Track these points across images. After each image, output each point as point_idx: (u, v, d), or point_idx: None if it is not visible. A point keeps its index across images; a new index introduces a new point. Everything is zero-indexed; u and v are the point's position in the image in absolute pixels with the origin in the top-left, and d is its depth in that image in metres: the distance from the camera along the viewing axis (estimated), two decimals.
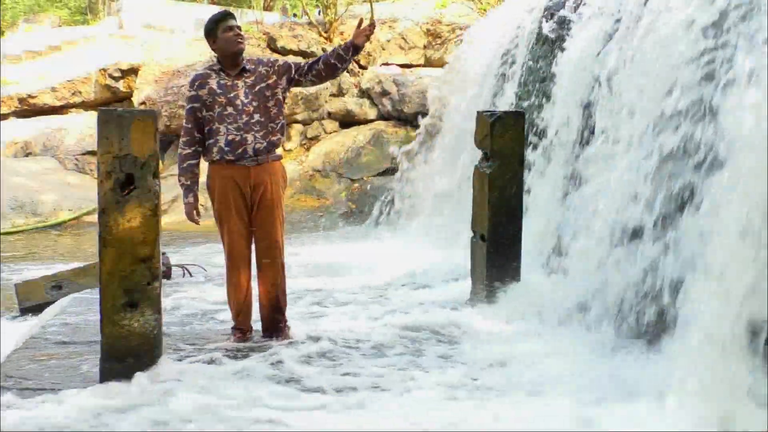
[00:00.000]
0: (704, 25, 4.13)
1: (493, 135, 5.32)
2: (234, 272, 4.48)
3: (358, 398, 3.56)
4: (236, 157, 4.33)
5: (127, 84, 14.35)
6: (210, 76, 4.45)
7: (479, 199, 5.47)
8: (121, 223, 3.67)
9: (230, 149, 4.33)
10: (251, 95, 4.39)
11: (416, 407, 3.45)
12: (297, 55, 14.11)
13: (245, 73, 4.44)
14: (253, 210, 4.41)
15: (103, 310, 3.72)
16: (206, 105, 4.38)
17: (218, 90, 4.38)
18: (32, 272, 7.60)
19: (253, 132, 4.35)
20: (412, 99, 13.31)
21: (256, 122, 4.37)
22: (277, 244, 4.49)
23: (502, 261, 5.34)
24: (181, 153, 4.43)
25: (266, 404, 3.46)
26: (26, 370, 3.96)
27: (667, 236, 4.06)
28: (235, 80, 4.41)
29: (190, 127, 4.42)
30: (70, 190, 12.48)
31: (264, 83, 4.44)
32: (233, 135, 4.32)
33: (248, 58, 4.52)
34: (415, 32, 15.15)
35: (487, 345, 4.48)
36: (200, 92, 4.40)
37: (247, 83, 4.41)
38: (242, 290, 4.50)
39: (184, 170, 4.41)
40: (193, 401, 3.45)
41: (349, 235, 10.57)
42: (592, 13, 6.42)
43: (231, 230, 4.41)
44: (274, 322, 4.56)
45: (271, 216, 4.43)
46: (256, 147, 4.35)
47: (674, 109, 4.22)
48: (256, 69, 4.47)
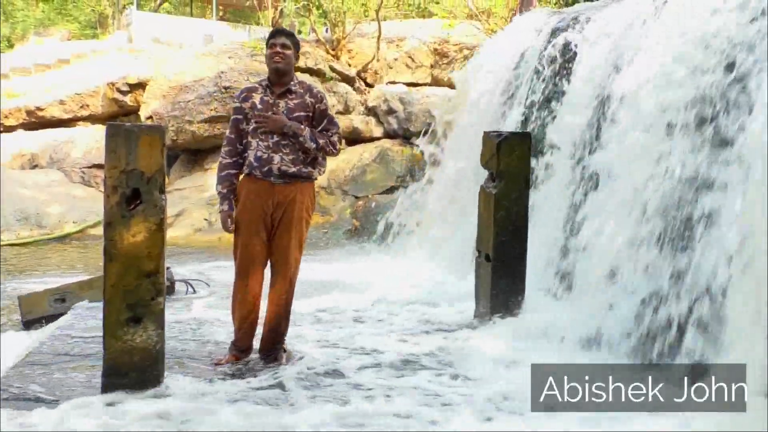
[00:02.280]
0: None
1: (499, 155, 5.33)
2: (241, 286, 4.40)
3: (357, 421, 3.54)
4: (263, 174, 4.31)
5: (134, 98, 14.43)
6: (256, 90, 4.45)
7: (485, 218, 5.46)
8: (126, 238, 3.67)
9: (258, 165, 4.30)
10: (288, 118, 4.34)
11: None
12: (304, 72, 14.18)
13: (290, 94, 4.41)
14: (273, 227, 4.36)
15: (106, 324, 3.72)
16: (247, 118, 4.39)
17: (259, 105, 4.37)
18: (36, 285, 7.59)
19: (281, 153, 4.30)
20: (418, 117, 13.35)
21: (286, 144, 4.31)
22: (288, 265, 4.40)
23: (507, 281, 5.32)
24: (221, 162, 4.43)
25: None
26: (28, 382, 3.94)
27: (674, 260, 4.05)
28: (277, 99, 4.39)
29: (232, 138, 4.43)
30: (75, 202, 12.50)
31: (304, 112, 4.39)
32: (262, 152, 4.30)
33: (300, 81, 4.50)
34: (422, 51, 15.23)
35: (491, 365, 4.45)
36: (244, 105, 4.40)
37: (288, 105, 4.38)
38: (247, 306, 4.40)
39: (222, 179, 4.40)
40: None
41: (353, 252, 10.55)
42: (598, 34, 6.46)
43: (245, 243, 4.35)
44: (271, 344, 4.46)
45: (288, 235, 4.36)
46: (282, 168, 4.30)
47: (681, 131, 4.23)
48: (303, 95, 4.43)
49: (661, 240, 4.28)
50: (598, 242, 5.11)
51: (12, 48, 21.90)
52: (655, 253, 4.31)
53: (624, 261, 4.59)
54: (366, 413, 3.60)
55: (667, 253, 4.17)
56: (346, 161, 13.30)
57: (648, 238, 4.42)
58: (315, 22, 15.84)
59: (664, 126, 4.59)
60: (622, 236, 4.70)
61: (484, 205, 5.46)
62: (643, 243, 4.44)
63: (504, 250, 5.32)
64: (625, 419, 3.42)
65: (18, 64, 16.36)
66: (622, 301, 4.47)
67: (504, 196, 5.32)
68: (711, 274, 3.72)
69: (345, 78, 14.49)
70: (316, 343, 4.94)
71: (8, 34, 23.83)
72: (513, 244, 5.34)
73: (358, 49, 15.19)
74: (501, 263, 5.32)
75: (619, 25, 6.18)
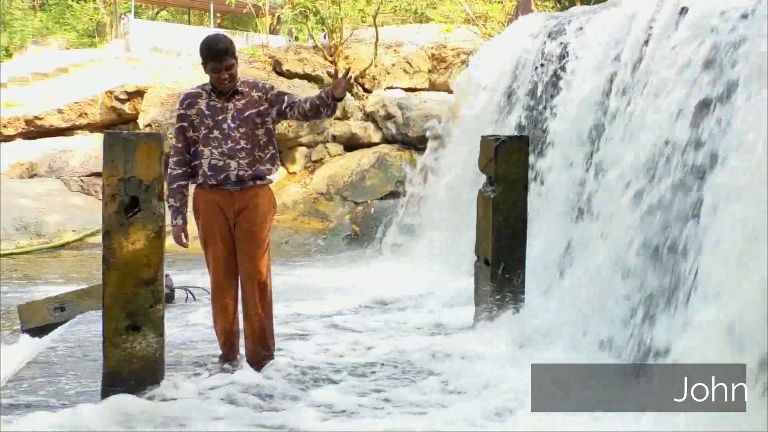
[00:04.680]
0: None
1: (497, 159, 5.33)
2: (219, 299, 4.33)
3: (353, 423, 3.56)
4: (219, 182, 4.19)
5: (133, 106, 14.45)
6: (201, 95, 4.27)
7: (483, 223, 5.46)
8: (125, 246, 3.67)
9: (213, 174, 4.18)
10: (239, 120, 4.21)
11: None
12: (302, 78, 14.20)
13: (237, 95, 4.26)
14: (236, 235, 4.25)
15: (106, 332, 3.72)
16: (193, 125, 4.23)
17: (207, 111, 4.21)
18: (35, 293, 7.59)
19: (237, 159, 4.18)
20: (416, 122, 13.36)
21: (241, 149, 4.19)
22: (260, 271, 4.28)
23: (506, 285, 5.32)
24: (170, 173, 4.25)
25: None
26: (27, 390, 3.94)
27: (669, 262, 4.06)
28: (225, 103, 4.23)
29: (180, 147, 4.27)
30: (74, 211, 12.49)
31: (255, 109, 4.26)
32: (216, 160, 4.17)
33: (243, 79, 4.35)
34: (419, 56, 15.25)
35: (489, 369, 4.45)
36: (189, 111, 4.24)
37: (237, 106, 4.23)
38: (228, 317, 4.34)
39: (173, 191, 4.23)
40: None
41: (352, 258, 10.55)
42: (594, 38, 6.47)
43: (216, 256, 4.26)
44: (258, 356, 4.37)
45: (255, 242, 4.24)
46: (239, 174, 4.19)
47: (680, 139, 4.24)
48: (249, 93, 4.29)
49: (658, 240, 4.28)
50: (595, 243, 5.11)
51: (10, 57, 21.95)
52: (654, 252, 4.31)
53: (622, 261, 4.59)
54: (360, 416, 3.60)
55: (664, 253, 4.17)
56: (345, 167, 13.31)
57: (646, 238, 4.42)
58: (312, 28, 15.87)
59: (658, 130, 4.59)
60: (620, 235, 4.70)
61: (483, 209, 5.46)
62: (641, 243, 4.45)
63: (503, 254, 5.32)
64: (624, 419, 3.42)
65: (16, 73, 16.38)
66: (621, 302, 4.47)
67: (502, 200, 5.32)
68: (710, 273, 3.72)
69: None
70: (312, 347, 4.95)
71: (7, 44, 23.88)
72: (512, 248, 5.33)
73: (355, 54, 15.21)
74: (500, 267, 5.32)
75: (615, 29, 6.18)
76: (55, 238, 11.78)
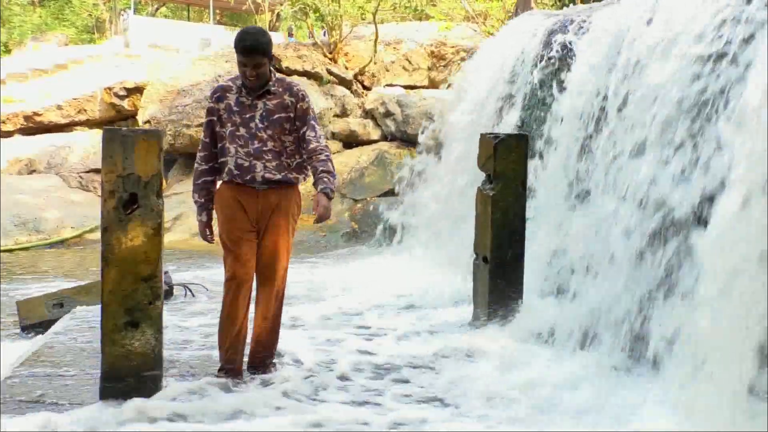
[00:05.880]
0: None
1: (496, 157, 5.33)
2: (233, 302, 4.07)
3: (351, 425, 3.55)
4: (245, 182, 4.02)
5: (132, 102, 14.45)
6: (231, 89, 4.08)
7: (482, 220, 5.46)
8: (123, 242, 3.67)
9: (239, 173, 4.01)
10: (267, 122, 4.01)
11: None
12: (301, 75, 14.19)
13: (268, 95, 4.04)
14: (259, 236, 4.06)
15: (104, 328, 3.71)
16: (221, 120, 4.06)
17: (235, 107, 4.03)
18: (34, 290, 7.59)
19: (263, 160, 3.99)
20: (415, 120, 13.36)
21: (268, 150, 4.01)
22: (277, 275, 4.10)
23: (504, 283, 5.32)
24: (197, 168, 4.14)
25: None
26: (26, 387, 3.94)
27: (670, 260, 4.06)
28: (255, 101, 4.03)
29: (207, 142, 4.13)
30: (73, 207, 12.49)
31: (285, 113, 4.04)
32: (242, 159, 4.00)
33: (279, 78, 4.12)
34: (419, 54, 15.26)
35: (488, 367, 4.45)
36: (219, 105, 4.06)
37: (267, 107, 4.03)
38: (237, 323, 4.10)
39: (198, 187, 4.13)
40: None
41: (351, 255, 10.55)
42: (596, 36, 6.45)
43: (237, 256, 4.02)
44: (260, 359, 4.23)
45: (276, 244, 4.04)
46: (266, 176, 4.00)
47: (680, 135, 4.23)
48: (282, 95, 4.06)
49: (656, 239, 4.27)
50: (593, 242, 5.11)
51: (9, 53, 21.92)
52: (652, 252, 4.31)
53: (619, 260, 4.59)
54: (358, 417, 3.60)
55: (663, 252, 4.16)
56: (344, 164, 13.31)
57: (644, 238, 4.42)
58: (312, 25, 15.86)
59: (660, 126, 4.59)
60: (619, 235, 4.70)
61: (482, 207, 5.46)
62: (639, 241, 4.44)
63: (501, 252, 5.32)
64: (624, 418, 3.42)
65: (15, 69, 16.37)
66: (620, 300, 4.47)
67: (501, 198, 5.32)
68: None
69: (342, 81, 14.51)
70: (310, 346, 4.93)
71: (6, 40, 23.85)
72: (510, 246, 5.33)
73: (355, 52, 15.22)
74: (498, 265, 5.32)
75: (617, 27, 6.17)
76: (53, 234, 11.78)
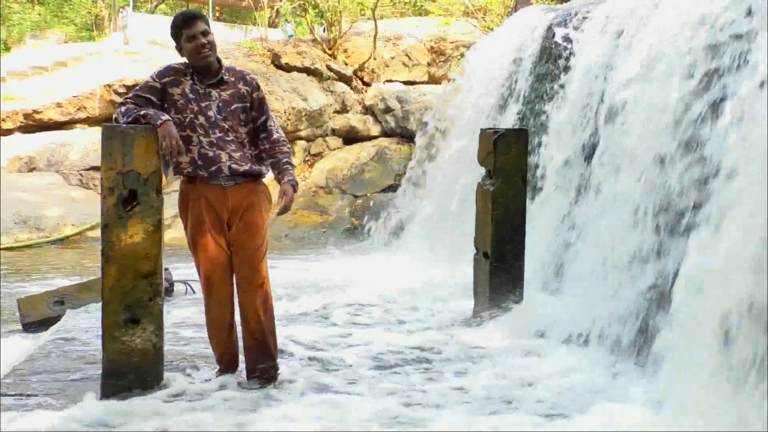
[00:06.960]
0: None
1: (496, 152, 5.33)
2: (213, 306, 3.92)
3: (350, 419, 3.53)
4: (210, 175, 3.77)
5: None
6: (186, 74, 3.82)
7: (482, 216, 5.46)
8: (123, 239, 3.67)
9: (203, 164, 3.76)
10: (225, 113, 3.80)
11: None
12: (301, 71, 14.17)
13: (222, 85, 3.83)
14: (230, 236, 3.83)
15: (105, 325, 3.72)
16: (177, 106, 3.77)
17: (191, 94, 3.78)
18: (35, 287, 7.59)
19: (228, 151, 3.77)
20: (415, 116, 13.35)
21: (231, 141, 3.79)
22: (260, 275, 3.89)
23: (505, 278, 5.32)
24: (127, 111, 3.73)
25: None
26: (27, 384, 3.94)
27: (666, 259, 4.07)
28: (208, 89, 3.81)
29: (147, 97, 3.78)
30: (73, 205, 12.48)
31: (240, 103, 3.84)
32: (206, 149, 3.76)
33: (229, 67, 3.91)
34: (418, 49, 15.24)
35: (488, 362, 4.46)
36: (173, 90, 3.78)
37: (222, 97, 3.81)
38: (224, 327, 3.95)
39: (132, 111, 3.72)
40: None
41: (352, 251, 10.56)
42: (596, 30, 6.45)
43: (208, 257, 3.81)
44: (261, 367, 3.96)
45: (253, 244, 3.83)
46: (232, 167, 3.77)
47: (680, 136, 4.24)
48: (236, 84, 3.86)
49: (657, 235, 4.28)
50: (594, 239, 5.11)
51: (8, 51, 21.90)
52: (652, 251, 4.31)
53: (620, 258, 4.59)
54: (357, 411, 3.60)
55: (663, 249, 4.17)
56: (344, 160, 13.31)
57: (644, 235, 4.42)
58: (311, 21, 15.84)
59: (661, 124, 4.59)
60: (618, 234, 4.70)
61: (482, 202, 5.46)
62: (639, 239, 4.45)
63: (502, 247, 5.32)
64: (623, 415, 3.42)
65: (15, 67, 16.34)
66: (620, 297, 4.47)
67: (501, 193, 5.32)
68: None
69: (342, 77, 14.50)
70: (310, 342, 4.94)
71: (5, 38, 23.81)
72: (511, 241, 5.34)
73: (354, 48, 15.19)
74: (499, 261, 5.32)
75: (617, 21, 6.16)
76: (54, 231, 11.78)
